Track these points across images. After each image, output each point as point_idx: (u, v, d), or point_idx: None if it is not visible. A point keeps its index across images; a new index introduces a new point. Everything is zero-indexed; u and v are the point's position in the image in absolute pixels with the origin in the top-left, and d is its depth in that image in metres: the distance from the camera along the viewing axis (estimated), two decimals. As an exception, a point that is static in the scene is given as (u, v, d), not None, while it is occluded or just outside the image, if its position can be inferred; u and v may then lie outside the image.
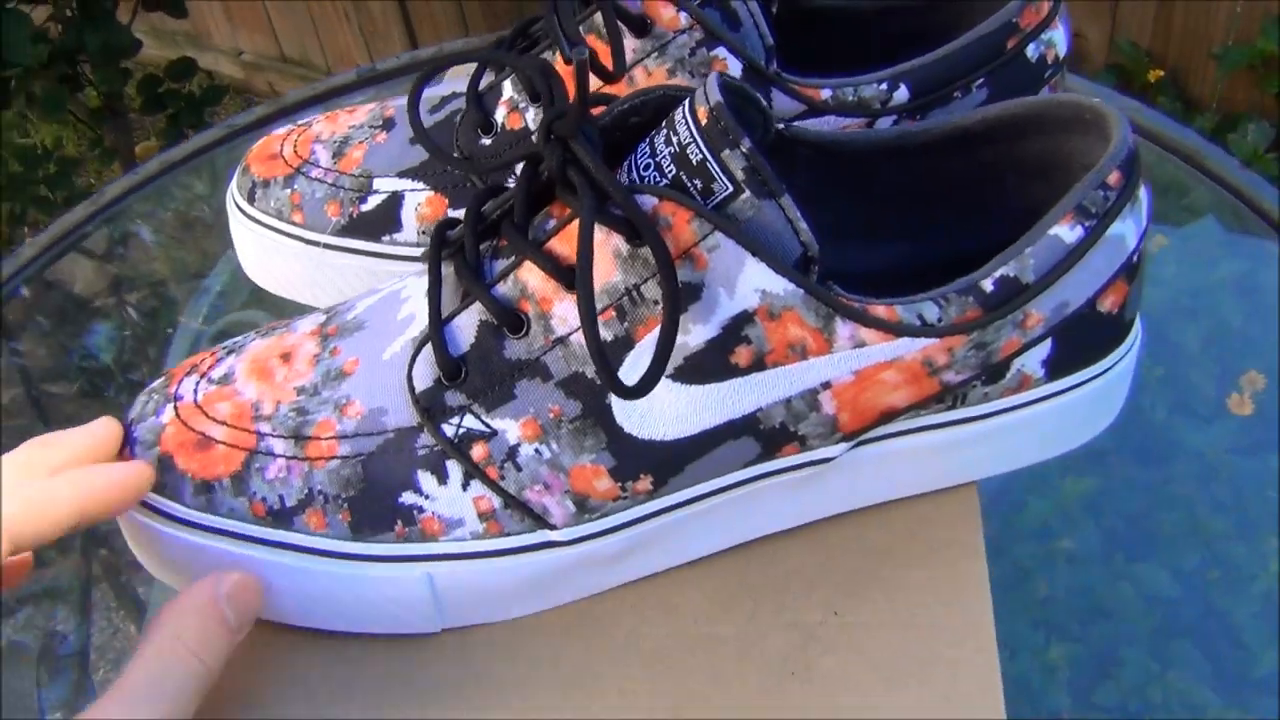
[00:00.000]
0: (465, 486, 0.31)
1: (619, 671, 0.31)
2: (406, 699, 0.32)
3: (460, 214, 0.38)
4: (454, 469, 0.31)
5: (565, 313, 0.31)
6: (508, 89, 0.40)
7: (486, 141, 0.40)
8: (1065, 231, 0.30)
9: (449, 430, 0.31)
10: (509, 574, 0.32)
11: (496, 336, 0.31)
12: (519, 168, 0.39)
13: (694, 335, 0.30)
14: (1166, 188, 0.63)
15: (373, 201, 0.42)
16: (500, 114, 0.40)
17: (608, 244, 0.30)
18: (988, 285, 0.31)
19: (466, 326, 0.32)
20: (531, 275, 0.31)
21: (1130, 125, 0.31)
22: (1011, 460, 0.35)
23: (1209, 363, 0.55)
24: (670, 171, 0.30)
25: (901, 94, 0.38)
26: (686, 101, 0.30)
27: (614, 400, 0.31)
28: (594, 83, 0.37)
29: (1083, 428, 0.35)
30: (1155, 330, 0.55)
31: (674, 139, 0.30)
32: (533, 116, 0.39)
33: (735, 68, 0.37)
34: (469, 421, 0.31)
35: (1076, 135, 0.33)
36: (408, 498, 0.31)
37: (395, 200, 0.41)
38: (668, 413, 0.31)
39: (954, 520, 0.34)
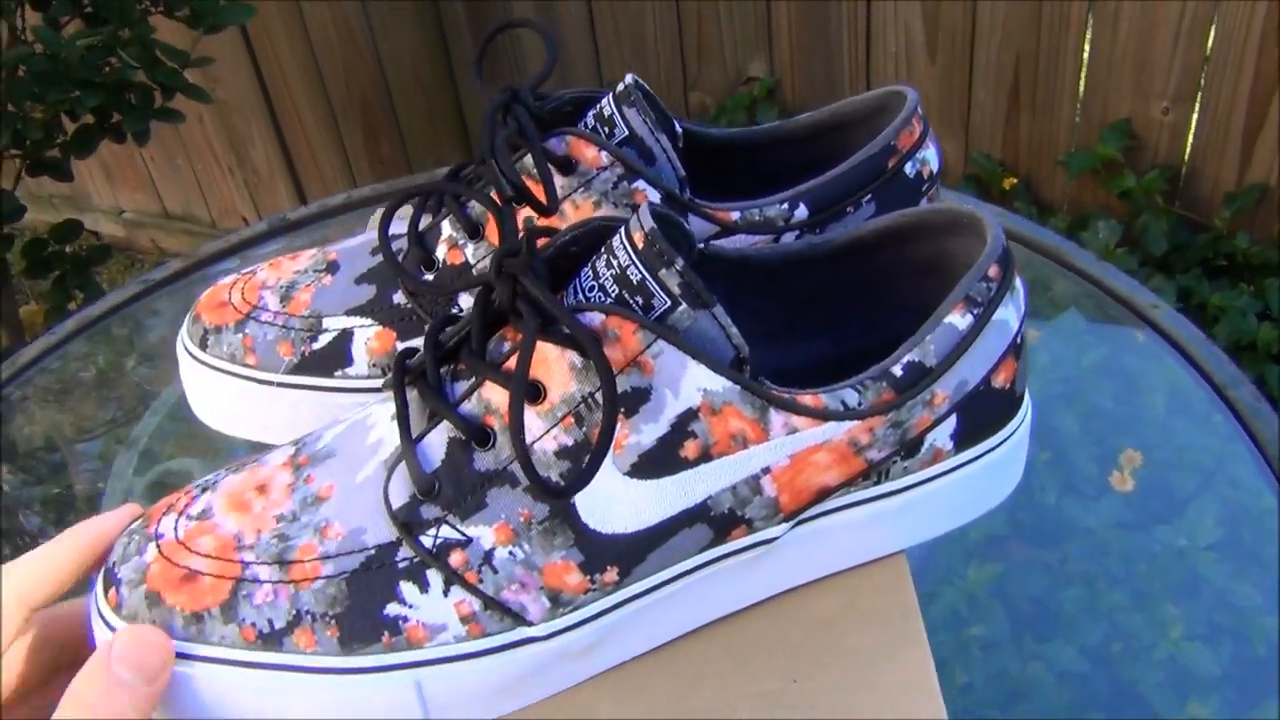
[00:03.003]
0: (446, 593, 0.34)
1: (601, 753, 0.34)
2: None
3: (413, 344, 0.42)
4: (434, 577, 0.34)
5: (529, 424, 0.34)
6: (446, 228, 0.44)
7: (429, 277, 0.44)
8: (958, 319, 0.35)
9: (427, 541, 0.34)
10: (492, 673, 0.34)
11: (466, 451, 0.34)
12: (465, 299, 0.42)
13: (646, 434, 0.34)
14: (1031, 284, 0.69)
15: (323, 340, 0.44)
16: (441, 251, 0.44)
17: (563, 359, 0.33)
18: (897, 370, 0.35)
19: (436, 444, 0.35)
20: (493, 393, 0.34)
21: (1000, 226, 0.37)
22: (932, 528, 0.39)
23: (1089, 444, 0.59)
24: (613, 291, 0.34)
25: (801, 212, 0.43)
26: (622, 230, 0.35)
27: (578, 500, 0.34)
28: (530, 214, 0.42)
29: (990, 494, 0.39)
30: (1038, 417, 0.60)
31: (614, 262, 0.34)
32: (471, 251, 0.43)
33: (654, 197, 0.42)
34: (445, 531, 0.34)
35: (955, 237, 0.38)
36: (392, 608, 0.34)
37: (345, 337, 0.44)
38: (627, 507, 0.34)
39: (887, 587, 0.38)
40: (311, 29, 1.69)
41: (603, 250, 0.35)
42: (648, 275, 0.33)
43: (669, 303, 0.33)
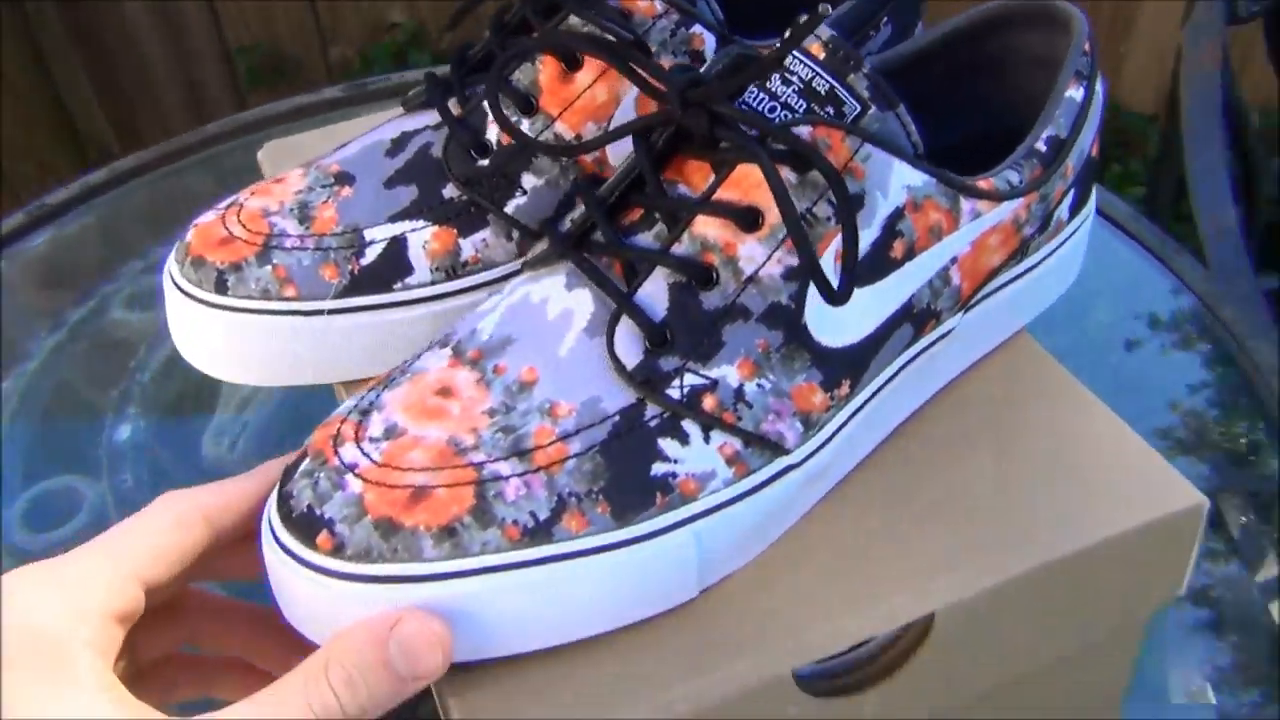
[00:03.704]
0: (707, 439, 0.32)
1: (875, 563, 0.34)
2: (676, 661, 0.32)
3: (477, 237, 0.39)
4: (691, 427, 0.32)
5: (750, 252, 0.33)
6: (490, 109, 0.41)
7: (484, 163, 0.40)
8: (1075, 92, 0.38)
9: (674, 393, 0.32)
10: (758, 511, 0.33)
11: (690, 293, 0.33)
12: (529, 180, 0.40)
13: (862, 240, 0.34)
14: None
15: (372, 253, 0.40)
16: (492, 133, 0.41)
17: (775, 178, 0.33)
18: (1041, 146, 0.37)
19: (656, 293, 0.33)
20: (708, 228, 0.33)
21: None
22: (1047, 299, 0.42)
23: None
24: (800, 106, 0.33)
25: (834, 41, 0.43)
26: (786, 46, 0.34)
27: (808, 319, 0.33)
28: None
29: (1079, 259, 0.43)
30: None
31: (792, 79, 0.34)
32: (528, 126, 0.40)
33: (710, 41, 0.41)
34: (689, 379, 0.33)
35: (1024, 32, 0.40)
36: (658, 467, 0.32)
37: (398, 244, 0.40)
38: (852, 317, 0.34)
39: (1031, 362, 0.40)
40: None
41: (766, 70, 0.34)
42: (836, 82, 0.33)
43: (859, 107, 0.33)
